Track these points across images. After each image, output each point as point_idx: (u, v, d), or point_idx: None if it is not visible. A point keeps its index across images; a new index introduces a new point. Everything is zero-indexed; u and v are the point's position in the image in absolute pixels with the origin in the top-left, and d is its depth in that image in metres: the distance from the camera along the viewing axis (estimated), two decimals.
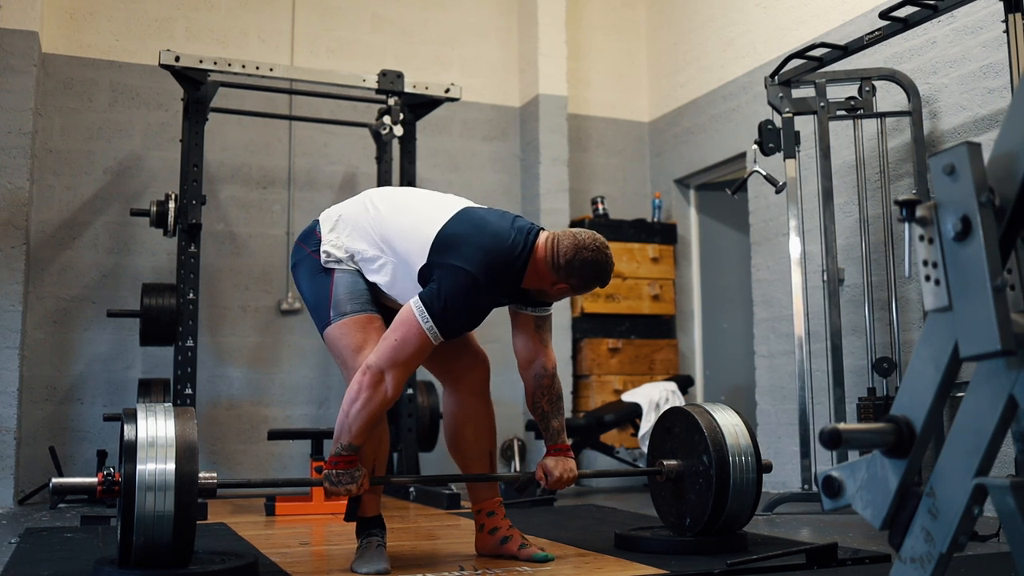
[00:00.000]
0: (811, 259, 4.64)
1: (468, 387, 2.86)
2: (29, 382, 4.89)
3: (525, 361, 2.80)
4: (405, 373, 2.56)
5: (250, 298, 5.48)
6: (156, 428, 2.29)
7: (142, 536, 2.21)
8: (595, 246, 2.62)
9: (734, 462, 2.83)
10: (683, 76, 6.20)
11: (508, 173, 6.19)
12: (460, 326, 2.62)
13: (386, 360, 2.53)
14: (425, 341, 2.53)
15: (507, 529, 2.82)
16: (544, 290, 2.68)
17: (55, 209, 5.14)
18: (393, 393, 2.54)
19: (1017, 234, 1.35)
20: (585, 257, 2.60)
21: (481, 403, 2.88)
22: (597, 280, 2.66)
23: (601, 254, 2.63)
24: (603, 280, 2.68)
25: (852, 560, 2.66)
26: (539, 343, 2.79)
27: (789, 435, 4.90)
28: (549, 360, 2.80)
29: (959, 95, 4.11)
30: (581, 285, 2.65)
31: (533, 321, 2.78)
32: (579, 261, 2.60)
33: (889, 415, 1.44)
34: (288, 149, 5.67)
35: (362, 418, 2.52)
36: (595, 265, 2.62)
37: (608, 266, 2.66)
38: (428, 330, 2.51)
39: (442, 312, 2.51)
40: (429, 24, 6.12)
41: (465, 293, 2.54)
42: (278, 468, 5.38)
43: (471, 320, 2.67)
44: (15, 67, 4.78)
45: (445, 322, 2.53)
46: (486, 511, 2.85)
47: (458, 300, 2.53)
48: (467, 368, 2.86)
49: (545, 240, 2.64)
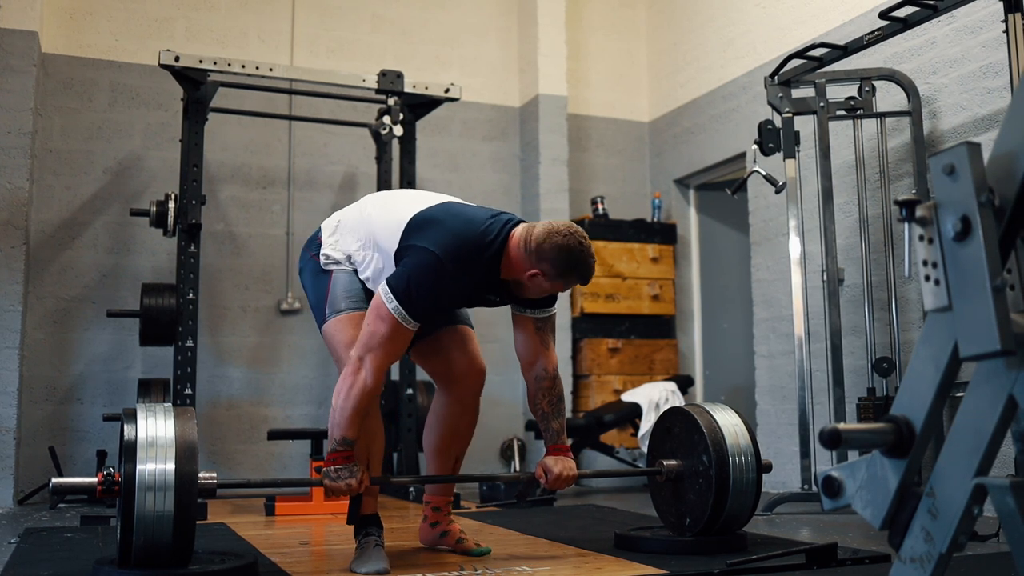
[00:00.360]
0: (811, 259, 4.64)
1: (458, 394, 2.90)
2: (29, 382, 4.89)
3: (526, 363, 2.82)
4: (382, 358, 2.56)
5: (250, 298, 5.48)
6: (156, 428, 2.29)
7: (142, 536, 2.20)
8: (568, 232, 2.55)
9: (734, 462, 2.83)
10: (683, 76, 6.20)
11: (508, 173, 6.19)
12: (428, 307, 2.60)
13: (362, 347, 2.57)
14: (395, 323, 2.54)
15: (447, 525, 2.95)
16: (520, 281, 2.62)
17: (55, 209, 5.14)
18: (372, 378, 2.55)
19: (1017, 234, 1.35)
20: (556, 241, 2.53)
21: (466, 413, 2.92)
22: (571, 268, 2.56)
23: (575, 240, 2.55)
24: (579, 269, 2.57)
25: (852, 560, 2.66)
26: (540, 344, 2.79)
27: (789, 435, 4.90)
28: (550, 362, 2.81)
29: (959, 95, 4.12)
30: (555, 272, 2.56)
31: (533, 323, 2.78)
32: (550, 245, 2.53)
33: (889, 415, 1.44)
34: (288, 149, 5.67)
35: (348, 408, 2.55)
36: (567, 250, 2.53)
37: (583, 254, 2.56)
38: (394, 311, 2.52)
39: (406, 292, 2.52)
40: (429, 24, 6.12)
41: (430, 274, 2.53)
42: (278, 468, 5.38)
43: (439, 303, 2.65)
44: (15, 67, 4.78)
45: (411, 303, 2.52)
46: (433, 505, 2.98)
47: (423, 281, 2.53)
48: (461, 375, 2.89)
49: (521, 228, 2.63)
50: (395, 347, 2.59)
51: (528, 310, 2.78)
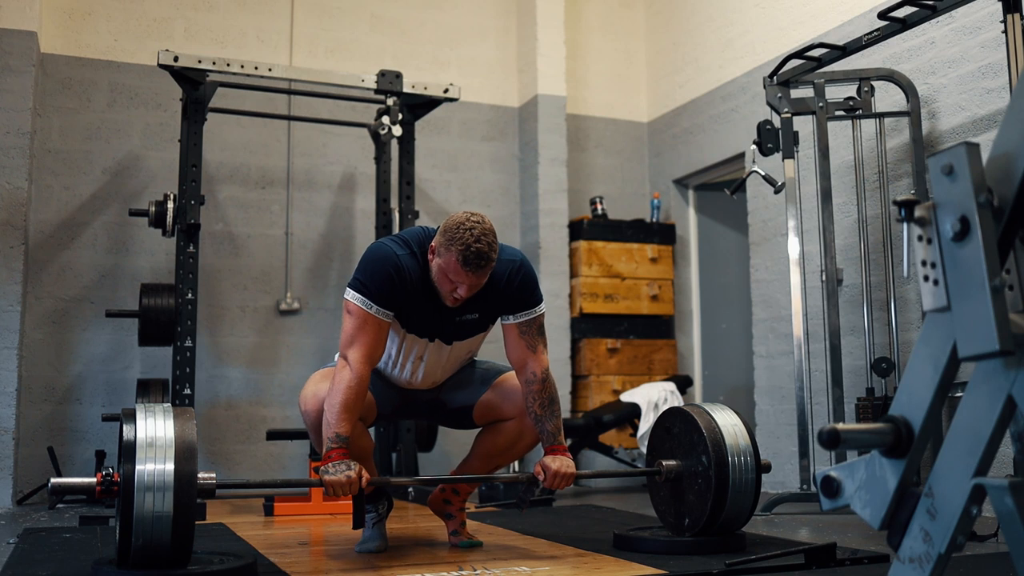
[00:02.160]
0: (810, 259, 4.64)
1: (523, 421, 2.92)
2: (28, 382, 4.89)
3: (517, 368, 2.86)
4: (359, 350, 2.66)
5: (249, 298, 5.48)
6: (155, 428, 2.29)
7: (141, 537, 2.20)
8: (463, 216, 2.62)
9: (733, 462, 2.83)
10: (682, 76, 6.20)
11: (507, 173, 6.19)
12: (385, 290, 2.67)
13: (341, 348, 2.70)
14: (358, 311, 2.67)
15: (457, 510, 3.06)
16: (442, 284, 2.67)
17: (54, 209, 5.14)
18: (352, 371, 2.63)
19: (1015, 234, 1.35)
20: (452, 223, 2.60)
21: (525, 435, 2.95)
22: (456, 241, 2.56)
23: (465, 217, 2.60)
24: (468, 243, 2.55)
25: (851, 560, 2.66)
26: (527, 348, 2.83)
27: (788, 435, 4.91)
28: (539, 364, 2.82)
29: (958, 95, 4.12)
30: (442, 249, 2.60)
31: (516, 328, 2.83)
32: (448, 230, 2.59)
33: (887, 415, 1.44)
34: (287, 149, 5.67)
35: (336, 403, 2.61)
36: (461, 227, 2.57)
37: (477, 227, 2.57)
38: (353, 299, 2.68)
39: (360, 280, 2.68)
40: (428, 24, 6.12)
41: (379, 257, 2.69)
42: (277, 468, 5.38)
43: (398, 289, 2.69)
44: (13, 67, 4.78)
45: (366, 287, 2.66)
46: (452, 488, 3.06)
47: (374, 266, 2.68)
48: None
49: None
50: (369, 337, 2.67)
51: (510, 316, 2.83)
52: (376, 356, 2.73)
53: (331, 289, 5.63)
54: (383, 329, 2.70)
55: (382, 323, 2.69)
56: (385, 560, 2.75)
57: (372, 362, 2.70)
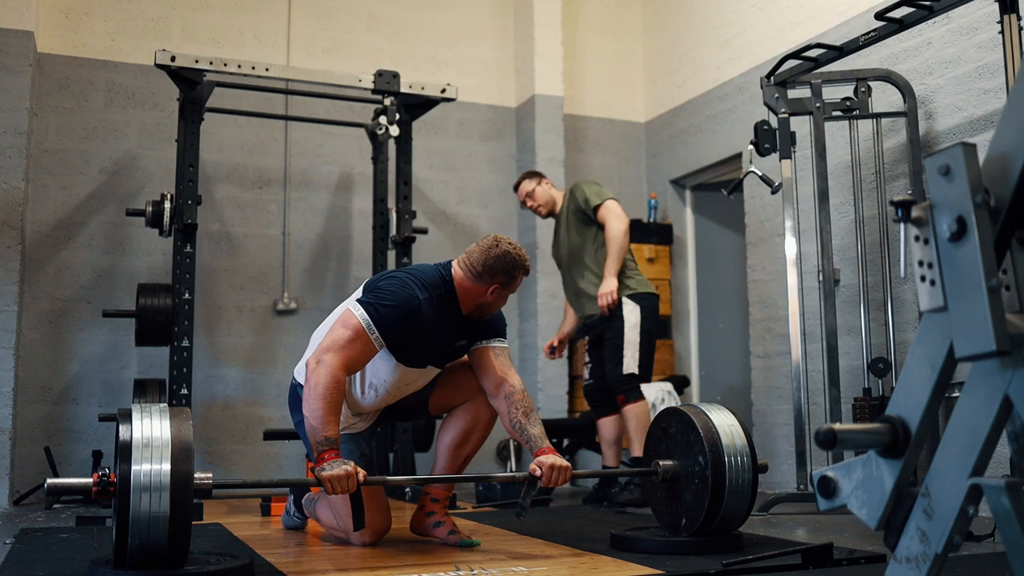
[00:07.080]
0: (807, 260, 4.64)
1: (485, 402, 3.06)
2: (24, 382, 4.88)
3: (494, 387, 2.96)
4: (340, 358, 2.70)
5: (246, 298, 5.47)
6: (151, 428, 2.29)
7: (137, 537, 2.20)
8: (496, 241, 2.88)
9: (730, 462, 2.83)
10: (679, 77, 6.21)
11: (504, 173, 6.19)
12: (396, 326, 2.77)
13: (320, 351, 2.73)
14: (359, 329, 2.74)
15: (443, 516, 3.09)
16: (483, 303, 2.90)
17: (50, 209, 5.13)
18: (328, 372, 2.67)
19: (1012, 235, 1.35)
20: (496, 254, 2.85)
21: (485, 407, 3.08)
22: (518, 268, 2.89)
23: (507, 245, 2.88)
24: (524, 266, 2.90)
25: (847, 560, 2.66)
26: (503, 367, 2.97)
27: (784, 435, 4.91)
28: (516, 379, 2.97)
29: (954, 96, 4.12)
30: (508, 280, 2.88)
31: (492, 352, 2.97)
32: (493, 258, 2.85)
33: (884, 415, 1.44)
34: (284, 149, 5.67)
35: (318, 407, 2.65)
36: (508, 256, 2.86)
37: (521, 252, 2.90)
38: (360, 317, 2.75)
39: (374, 305, 2.76)
40: (425, 24, 6.12)
41: (405, 302, 2.77)
42: (274, 468, 5.38)
43: (408, 328, 2.80)
44: (10, 67, 4.77)
45: (378, 315, 2.74)
46: (432, 496, 3.12)
47: (395, 308, 2.76)
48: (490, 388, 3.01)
49: (458, 263, 2.92)
50: (353, 352, 2.74)
51: (484, 341, 2.98)
52: (352, 371, 2.81)
53: (328, 289, 5.63)
54: (370, 354, 2.81)
55: (374, 349, 2.79)
56: (382, 560, 2.75)
57: (348, 373, 2.77)
